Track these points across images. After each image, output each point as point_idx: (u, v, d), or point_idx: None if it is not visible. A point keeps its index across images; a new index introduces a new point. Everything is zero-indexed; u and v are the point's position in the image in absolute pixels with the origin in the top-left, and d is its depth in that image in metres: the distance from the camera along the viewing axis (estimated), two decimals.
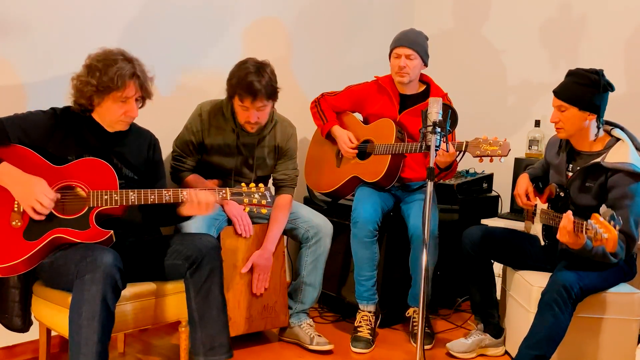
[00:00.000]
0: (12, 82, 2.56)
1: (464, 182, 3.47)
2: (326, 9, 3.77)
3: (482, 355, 2.90)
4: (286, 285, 2.98)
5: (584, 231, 2.22)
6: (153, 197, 2.21)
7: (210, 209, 2.26)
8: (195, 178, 2.82)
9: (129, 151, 2.38)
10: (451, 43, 4.11)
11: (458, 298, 3.58)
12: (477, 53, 4.04)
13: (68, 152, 2.24)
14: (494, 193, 3.67)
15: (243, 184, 2.31)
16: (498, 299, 2.98)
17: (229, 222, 2.83)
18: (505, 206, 3.68)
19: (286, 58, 3.59)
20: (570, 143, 2.64)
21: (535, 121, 3.57)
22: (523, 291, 2.72)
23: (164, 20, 3.01)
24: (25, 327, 2.34)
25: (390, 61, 3.10)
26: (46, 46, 2.62)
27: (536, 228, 2.75)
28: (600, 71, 2.51)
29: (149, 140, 2.48)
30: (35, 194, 2.08)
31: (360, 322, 3.02)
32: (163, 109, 2.88)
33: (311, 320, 3.00)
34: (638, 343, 2.59)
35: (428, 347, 2.98)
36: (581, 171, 2.56)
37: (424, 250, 2.16)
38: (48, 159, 2.19)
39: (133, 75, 2.22)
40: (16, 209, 2.13)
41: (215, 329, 2.31)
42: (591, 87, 2.48)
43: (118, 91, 2.20)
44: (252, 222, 2.85)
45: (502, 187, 3.66)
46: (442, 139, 2.31)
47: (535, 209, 2.77)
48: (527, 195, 2.77)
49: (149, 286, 2.34)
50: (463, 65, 4.08)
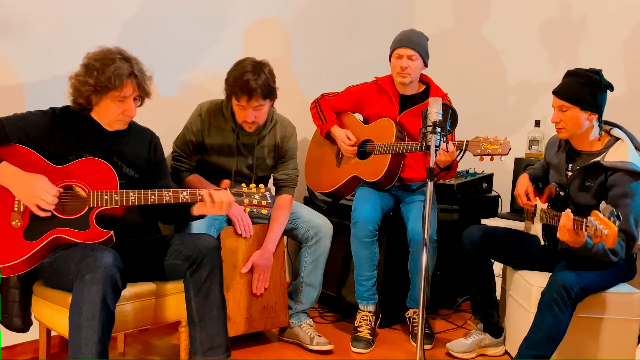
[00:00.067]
0: (12, 82, 2.56)
1: (464, 182, 3.47)
2: (326, 9, 3.77)
3: (482, 355, 2.90)
4: (286, 285, 2.98)
5: (584, 228, 2.22)
6: (153, 198, 2.20)
7: (227, 209, 2.26)
8: (195, 178, 2.82)
9: (129, 149, 2.38)
10: (451, 43, 4.11)
11: (458, 298, 3.58)
12: (477, 53, 4.04)
13: (68, 152, 2.24)
14: (494, 193, 3.67)
15: (243, 185, 2.31)
16: (498, 299, 2.98)
17: (229, 222, 2.83)
18: (505, 206, 3.68)
19: (286, 58, 3.58)
20: (569, 143, 2.64)
21: (535, 121, 3.57)
22: (523, 291, 2.72)
23: (164, 20, 3.02)
24: (25, 327, 2.33)
25: (390, 62, 3.09)
26: (46, 46, 2.62)
27: (536, 228, 2.75)
28: (599, 71, 2.51)
29: (150, 138, 2.48)
30: (37, 192, 2.08)
31: (360, 322, 3.02)
32: (163, 109, 2.88)
33: (311, 320, 3.00)
34: (638, 343, 2.59)
35: (428, 347, 2.98)
36: (581, 170, 2.56)
37: (424, 250, 2.15)
38: (48, 159, 2.19)
39: (130, 74, 2.21)
40: (16, 209, 2.13)
41: (214, 329, 2.31)
42: (593, 87, 2.48)
43: (116, 90, 2.19)
44: (252, 222, 2.85)
45: (502, 187, 3.66)
46: (442, 139, 2.31)
47: (535, 209, 2.77)
48: (527, 195, 2.77)
49: (149, 286, 2.34)
50: (463, 65, 4.07)
